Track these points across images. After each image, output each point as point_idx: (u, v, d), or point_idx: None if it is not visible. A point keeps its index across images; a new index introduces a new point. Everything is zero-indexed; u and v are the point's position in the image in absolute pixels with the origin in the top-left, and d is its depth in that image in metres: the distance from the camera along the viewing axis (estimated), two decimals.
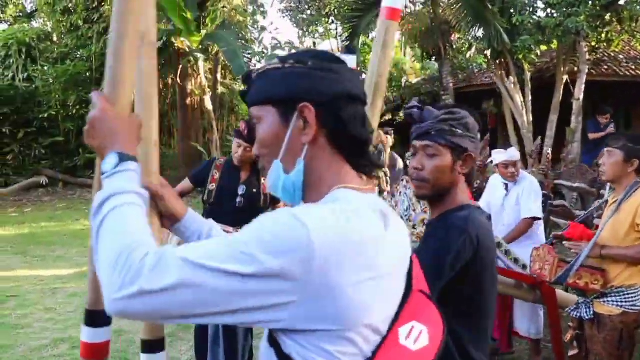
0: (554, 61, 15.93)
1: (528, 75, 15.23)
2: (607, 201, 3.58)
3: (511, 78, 14.77)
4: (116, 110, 1.38)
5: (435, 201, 2.06)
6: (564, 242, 3.60)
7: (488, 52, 15.16)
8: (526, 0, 13.65)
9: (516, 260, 3.86)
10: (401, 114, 25.42)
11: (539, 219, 5.04)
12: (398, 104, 23.40)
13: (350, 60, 1.86)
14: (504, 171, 5.19)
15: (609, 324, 3.29)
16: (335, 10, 19.14)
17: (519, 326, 5.06)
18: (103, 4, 18.01)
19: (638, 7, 13.19)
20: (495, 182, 5.40)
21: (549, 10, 13.94)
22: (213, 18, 16.01)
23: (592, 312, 3.38)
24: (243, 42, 17.90)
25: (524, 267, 3.84)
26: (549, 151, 13.62)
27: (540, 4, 14.49)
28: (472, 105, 18.02)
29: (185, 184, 4.67)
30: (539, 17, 13.92)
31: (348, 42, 14.47)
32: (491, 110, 18.44)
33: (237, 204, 4.39)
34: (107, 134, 1.33)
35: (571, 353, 3.57)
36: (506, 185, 5.25)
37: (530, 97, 15.19)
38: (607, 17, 14.88)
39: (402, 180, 4.75)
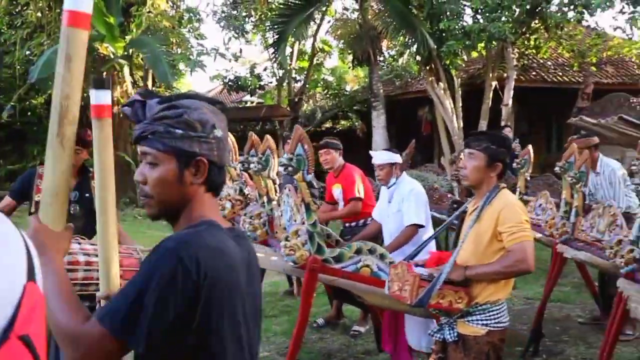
0: (485, 67, 15.98)
1: (457, 81, 15.22)
2: (466, 210, 3.30)
3: (441, 84, 14.73)
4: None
5: (171, 222, 1.59)
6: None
7: (419, 59, 15.10)
8: (453, 6, 13.57)
9: None
10: (342, 122, 25.32)
11: (422, 226, 4.79)
12: (335, 112, 23.26)
13: (103, 97, 1.63)
14: (377, 174, 4.99)
15: (474, 346, 2.97)
16: (262, 16, 18.83)
17: (409, 340, 4.80)
18: (26, 8, 17.34)
19: (559, 14, 13.23)
20: (384, 189, 5.16)
21: (476, 15, 13.97)
22: (138, 24, 15.49)
23: (455, 334, 3.07)
24: (176, 47, 17.47)
25: None
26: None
27: (468, 10, 14.51)
28: (409, 112, 18.10)
29: (5, 201, 4.27)
30: (466, 22, 13.90)
31: (275, 48, 14.13)
32: (426, 116, 18.46)
33: (71, 212, 4.00)
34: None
35: None
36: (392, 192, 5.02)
37: (460, 103, 15.18)
38: (534, 24, 15.02)
39: (285, 188, 4.48)
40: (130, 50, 15.74)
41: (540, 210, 5.66)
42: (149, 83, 17.42)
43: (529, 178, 6.05)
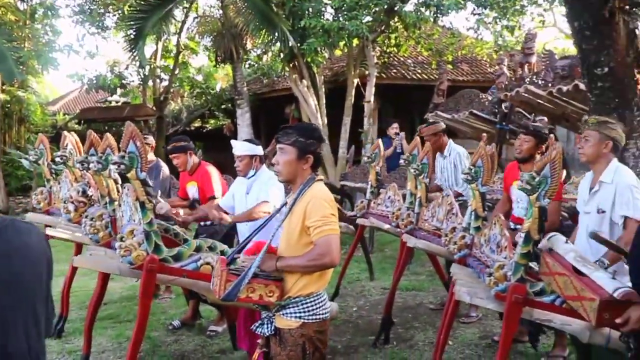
0: (348, 65, 16.31)
1: (321, 78, 15.44)
2: (286, 203, 3.26)
3: (304, 82, 14.87)
4: None
5: None
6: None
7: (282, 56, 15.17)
8: (314, 4, 13.73)
9: None
10: (211, 122, 24.99)
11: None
12: (203, 112, 22.92)
13: None
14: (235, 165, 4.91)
15: (289, 339, 2.94)
16: (121, 11, 18.18)
17: None
18: None
19: (415, 14, 13.75)
20: (240, 180, 5.06)
21: (336, 14, 14.22)
22: None
23: (273, 328, 3.02)
24: (26, 43, 16.44)
25: None
26: (346, 153, 13.89)
27: (329, 9, 14.74)
28: (276, 110, 18.07)
29: None
30: (328, 20, 14.09)
31: (133, 45, 13.63)
32: (293, 114, 18.57)
33: None
34: None
35: None
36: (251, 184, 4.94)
37: (324, 100, 15.39)
38: (393, 23, 15.51)
39: (125, 188, 4.31)
40: None
41: (389, 202, 5.83)
42: None
43: (379, 170, 6.22)
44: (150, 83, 21.55)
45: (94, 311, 4.88)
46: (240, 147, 4.89)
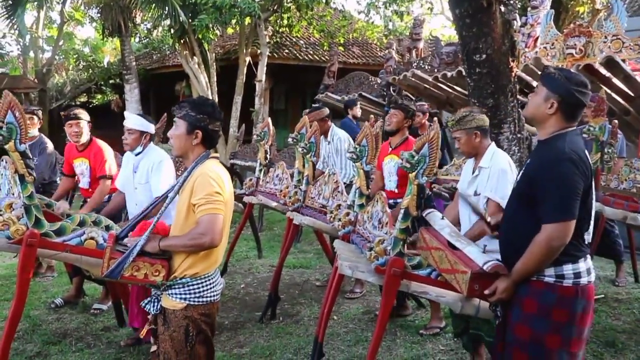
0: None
1: (212, 56, 15.24)
2: (178, 182, 3.23)
3: (195, 58, 14.64)
4: None
5: None
6: None
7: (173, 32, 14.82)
8: None
9: None
10: (98, 97, 24.01)
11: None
12: (90, 86, 21.98)
13: None
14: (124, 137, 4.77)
15: (173, 320, 2.92)
16: None
17: None
18: None
19: None
20: (128, 156, 4.91)
21: None
22: None
23: (159, 307, 3.00)
24: None
25: None
26: (237, 132, 13.80)
27: None
28: (166, 86, 17.63)
29: None
30: None
31: (11, 14, 12.84)
32: (184, 91, 18.24)
33: None
34: None
35: (152, 349, 3.24)
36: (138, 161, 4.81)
37: (215, 78, 15.23)
38: (286, 2, 15.52)
39: (2, 160, 4.10)
40: None
41: (277, 180, 5.89)
42: None
43: (268, 149, 6.26)
44: (31, 54, 20.39)
45: None
46: (134, 121, 4.73)
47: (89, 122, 5.55)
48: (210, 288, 3.00)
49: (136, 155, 4.74)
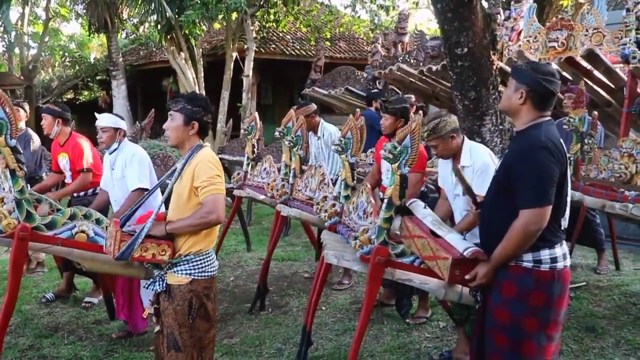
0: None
1: (199, 51, 15.26)
2: (176, 169, 3.37)
3: (182, 54, 14.65)
4: None
5: None
6: None
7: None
8: None
9: None
10: (85, 93, 23.95)
11: (147, 189, 4.75)
12: (76, 82, 21.93)
13: None
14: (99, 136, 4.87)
15: (178, 294, 3.15)
16: None
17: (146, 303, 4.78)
18: None
19: None
20: (107, 157, 5.01)
21: None
22: None
23: (164, 284, 3.21)
24: None
25: None
26: (225, 127, 13.84)
27: None
28: (153, 82, 17.64)
29: None
30: None
31: None
32: (171, 87, 18.27)
33: None
34: None
35: (156, 329, 3.36)
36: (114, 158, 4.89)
37: (202, 74, 15.26)
38: None
39: None
40: None
41: (265, 174, 5.97)
42: None
43: (255, 143, 6.35)
44: (17, 51, 20.32)
45: None
46: (106, 119, 4.85)
47: (61, 119, 5.59)
48: (211, 263, 3.25)
49: (111, 153, 4.85)
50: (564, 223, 2.94)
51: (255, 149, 6.36)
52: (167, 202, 3.36)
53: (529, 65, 2.96)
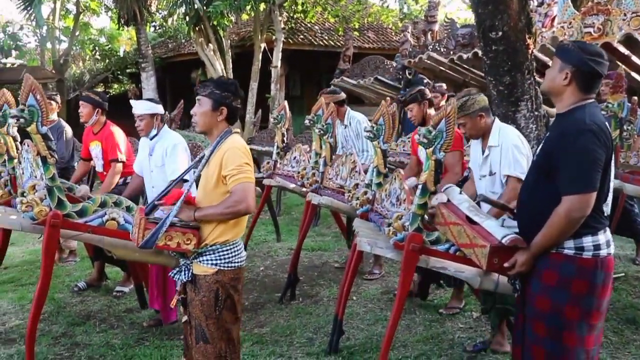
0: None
1: (227, 43, 15.26)
2: (204, 155, 3.31)
3: (211, 46, 14.66)
4: None
5: None
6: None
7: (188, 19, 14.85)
8: None
9: None
10: (115, 86, 24.19)
11: (187, 180, 4.70)
12: (107, 75, 22.11)
13: None
14: (137, 125, 4.85)
15: (204, 285, 3.04)
16: None
17: None
18: None
19: None
20: (144, 140, 4.99)
21: None
22: None
23: (190, 274, 3.11)
24: None
25: None
26: (254, 118, 13.85)
27: None
28: (182, 74, 17.71)
29: None
30: None
31: (28, 4, 12.94)
32: (199, 79, 18.29)
33: None
34: None
35: (183, 319, 3.30)
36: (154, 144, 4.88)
37: (231, 65, 15.25)
38: None
39: (24, 144, 4.16)
40: None
41: (294, 163, 5.92)
42: None
43: (285, 132, 6.30)
44: (48, 45, 20.56)
45: None
46: (141, 106, 4.83)
47: (100, 108, 5.61)
48: (239, 254, 3.11)
49: (151, 139, 4.83)
50: (607, 209, 2.83)
51: (284, 138, 6.31)
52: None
53: (576, 44, 2.80)
